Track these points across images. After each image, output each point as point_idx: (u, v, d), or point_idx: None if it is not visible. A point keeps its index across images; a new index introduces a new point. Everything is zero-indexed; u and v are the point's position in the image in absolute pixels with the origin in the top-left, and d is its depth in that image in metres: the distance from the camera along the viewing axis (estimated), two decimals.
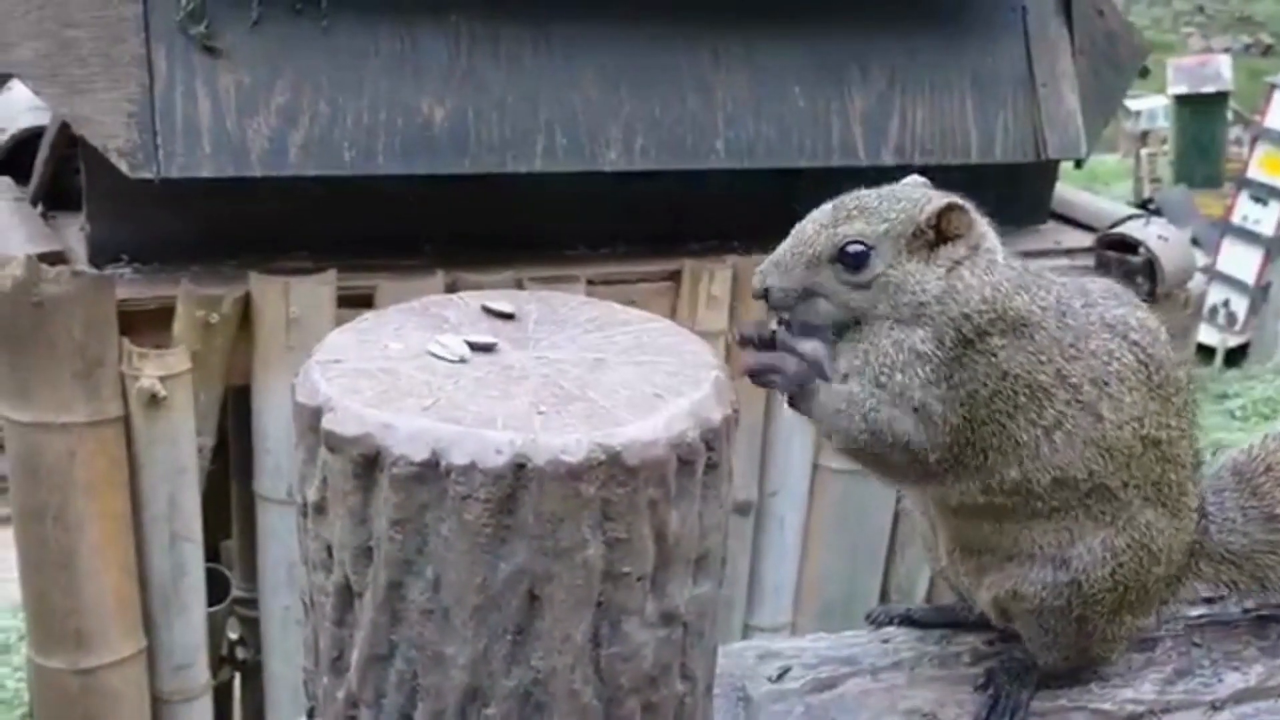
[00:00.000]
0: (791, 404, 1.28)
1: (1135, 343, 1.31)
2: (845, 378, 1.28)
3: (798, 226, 1.32)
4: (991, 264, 1.28)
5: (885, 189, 1.32)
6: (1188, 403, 1.36)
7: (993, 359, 1.25)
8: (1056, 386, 1.26)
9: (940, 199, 1.28)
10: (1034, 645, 1.35)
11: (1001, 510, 1.32)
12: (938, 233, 1.27)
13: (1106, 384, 1.28)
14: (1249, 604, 1.43)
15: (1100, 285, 1.37)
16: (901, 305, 1.26)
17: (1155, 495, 1.32)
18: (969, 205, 1.29)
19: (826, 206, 1.31)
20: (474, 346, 1.14)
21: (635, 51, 3.05)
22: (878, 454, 1.26)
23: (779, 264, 1.30)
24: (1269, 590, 1.43)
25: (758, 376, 1.28)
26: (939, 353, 1.24)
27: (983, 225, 1.31)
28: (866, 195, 1.31)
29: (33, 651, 2.84)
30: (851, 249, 1.26)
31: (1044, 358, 1.26)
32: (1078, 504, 1.31)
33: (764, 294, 1.30)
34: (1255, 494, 1.45)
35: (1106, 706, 1.28)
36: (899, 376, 1.24)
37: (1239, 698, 1.30)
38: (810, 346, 1.30)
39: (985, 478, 1.28)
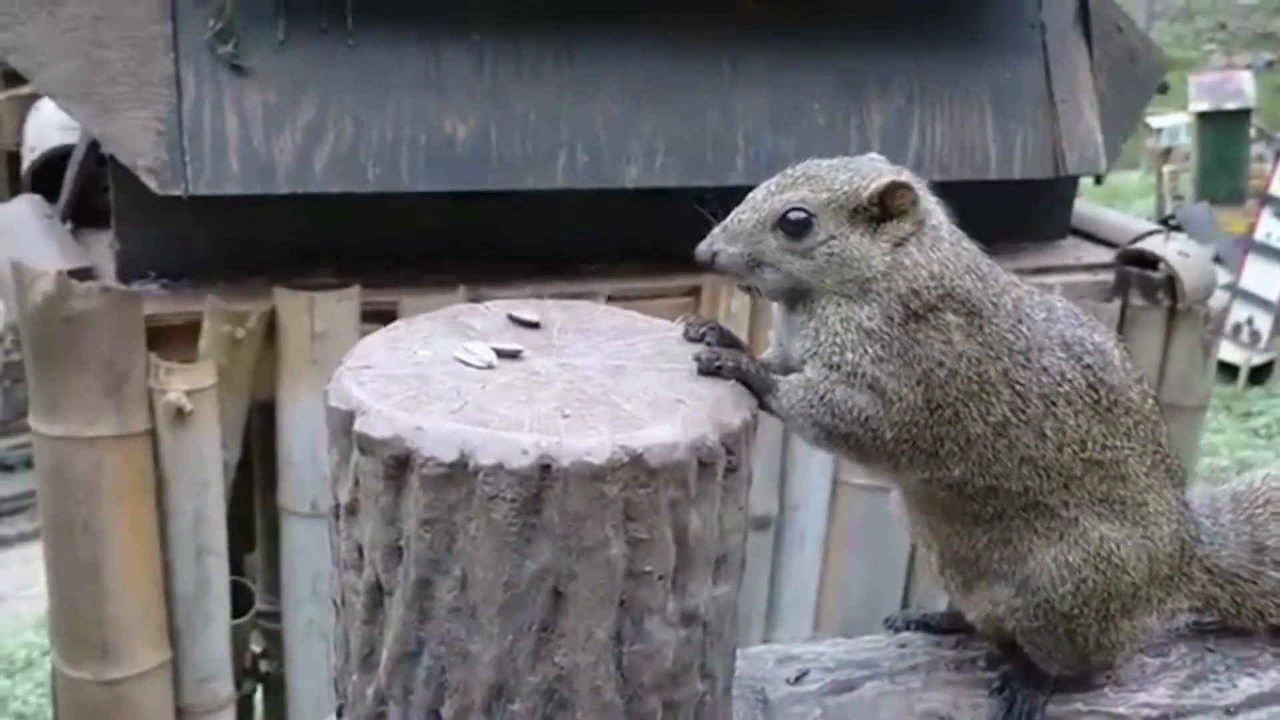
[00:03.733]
0: (762, 406, 1.26)
1: (1088, 365, 1.30)
2: (801, 364, 1.27)
3: (751, 192, 1.31)
4: (937, 241, 1.27)
5: (839, 159, 1.31)
6: (1139, 423, 1.33)
7: (948, 336, 1.24)
8: (1003, 387, 1.25)
9: (888, 175, 1.26)
10: (1035, 658, 1.36)
11: (946, 507, 1.32)
12: (883, 209, 1.25)
13: (1054, 403, 1.27)
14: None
15: (1064, 305, 1.34)
16: (847, 280, 1.25)
17: (1107, 511, 1.31)
18: (916, 183, 1.27)
19: (778, 176, 1.30)
20: (500, 353, 1.17)
21: (656, 69, 3.08)
22: (844, 434, 1.25)
23: (727, 230, 1.29)
24: (1241, 618, 1.42)
25: (706, 366, 1.24)
26: (887, 329, 1.23)
27: (929, 203, 1.29)
28: (817, 163, 1.30)
29: (59, 662, 2.86)
30: (793, 215, 1.26)
31: (993, 353, 1.25)
32: (1016, 515, 1.30)
33: (711, 260, 1.29)
34: (1250, 521, 1.44)
35: (1122, 710, 1.29)
36: (849, 355, 1.23)
37: (1253, 703, 1.31)
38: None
39: (934, 469, 1.27)
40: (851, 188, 1.25)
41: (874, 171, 1.27)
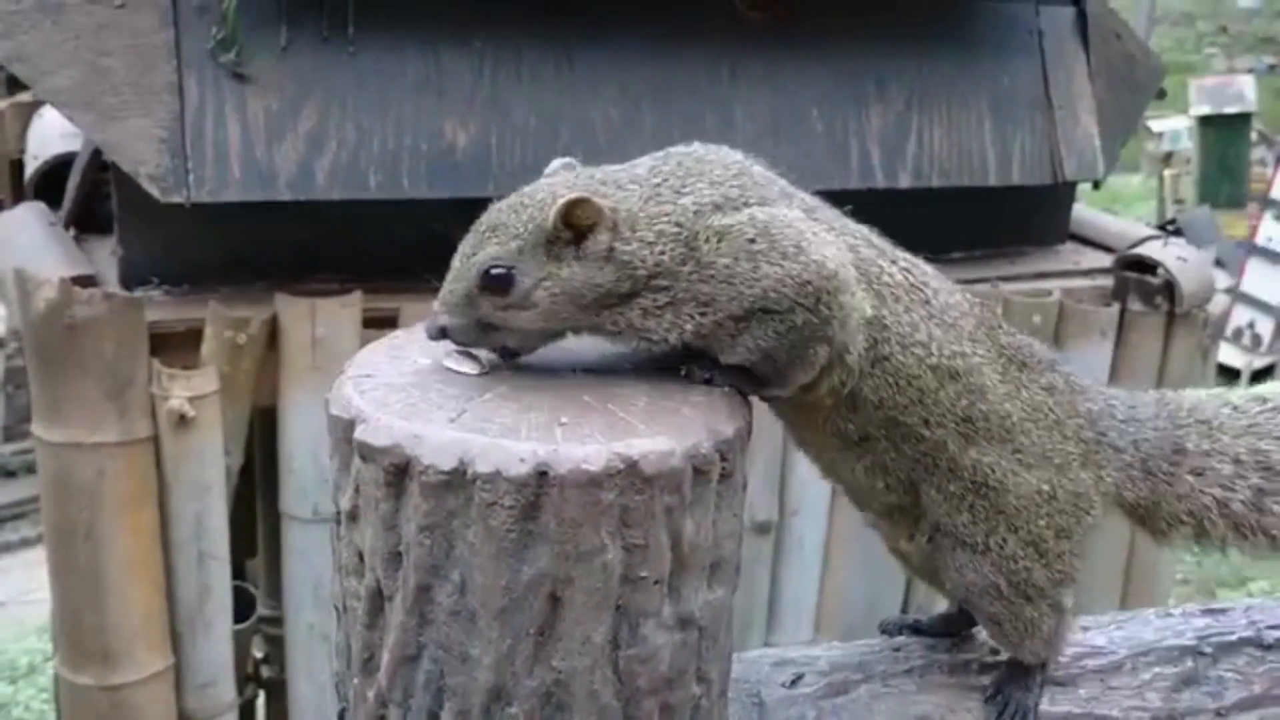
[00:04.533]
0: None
1: (905, 268, 1.29)
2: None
3: (452, 259, 1.26)
4: (635, 222, 1.22)
5: (515, 196, 1.26)
6: (979, 325, 1.31)
7: (712, 267, 1.20)
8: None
9: (561, 197, 1.20)
10: (991, 635, 1.35)
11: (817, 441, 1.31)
12: (573, 229, 1.20)
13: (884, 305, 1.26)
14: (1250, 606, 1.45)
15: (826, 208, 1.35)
16: (588, 307, 1.21)
17: (971, 431, 1.28)
18: (588, 193, 1.20)
19: (469, 234, 1.26)
20: (503, 352, 1.20)
21: (655, 76, 3.10)
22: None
23: (445, 302, 1.23)
24: (1154, 522, 1.39)
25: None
26: (668, 295, 1.20)
27: (613, 199, 1.22)
28: (498, 210, 1.26)
29: (62, 668, 2.88)
30: (494, 272, 1.21)
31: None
32: (881, 439, 1.28)
33: (442, 335, 1.22)
34: (1172, 421, 1.41)
35: (1114, 714, 1.31)
36: (671, 333, 1.20)
37: (1244, 705, 1.33)
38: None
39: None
40: (536, 225, 1.21)
41: (548, 197, 1.23)
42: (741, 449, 1.13)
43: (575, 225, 1.20)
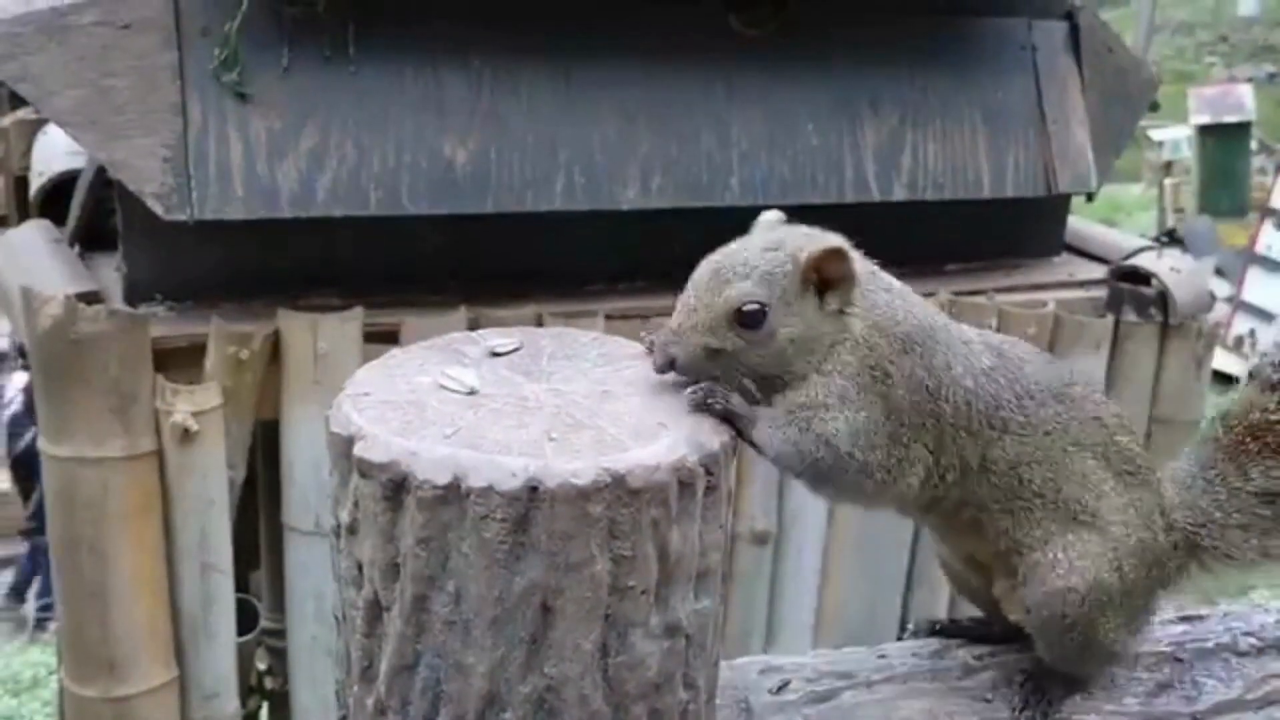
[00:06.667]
0: (740, 435, 1.28)
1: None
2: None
3: (683, 296, 1.29)
4: (874, 294, 1.29)
5: (752, 241, 1.31)
6: (1084, 423, 1.37)
7: (903, 373, 1.28)
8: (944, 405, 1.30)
9: (816, 244, 1.26)
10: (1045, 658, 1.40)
11: (938, 522, 1.38)
12: (820, 277, 1.26)
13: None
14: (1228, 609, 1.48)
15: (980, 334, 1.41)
16: (806, 360, 1.26)
17: (1066, 515, 1.35)
18: (843, 243, 1.28)
19: (704, 270, 1.29)
20: (497, 354, 1.25)
21: (652, 93, 3.13)
22: (822, 464, 1.27)
23: (678, 334, 1.27)
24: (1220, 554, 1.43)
25: (698, 404, 1.25)
26: (852, 383, 1.26)
27: (858, 262, 1.30)
28: (742, 252, 1.29)
29: (68, 680, 2.90)
30: (747, 309, 1.25)
31: (933, 379, 1.29)
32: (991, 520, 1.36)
33: (669, 366, 1.26)
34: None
35: (1091, 718, 1.34)
36: (824, 403, 1.26)
37: (1220, 709, 1.36)
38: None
39: (902, 488, 1.31)
40: (790, 268, 1.26)
41: (803, 242, 1.28)
42: (726, 463, 1.16)
43: (825, 274, 1.26)
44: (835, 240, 1.28)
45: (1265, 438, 1.43)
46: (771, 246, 1.28)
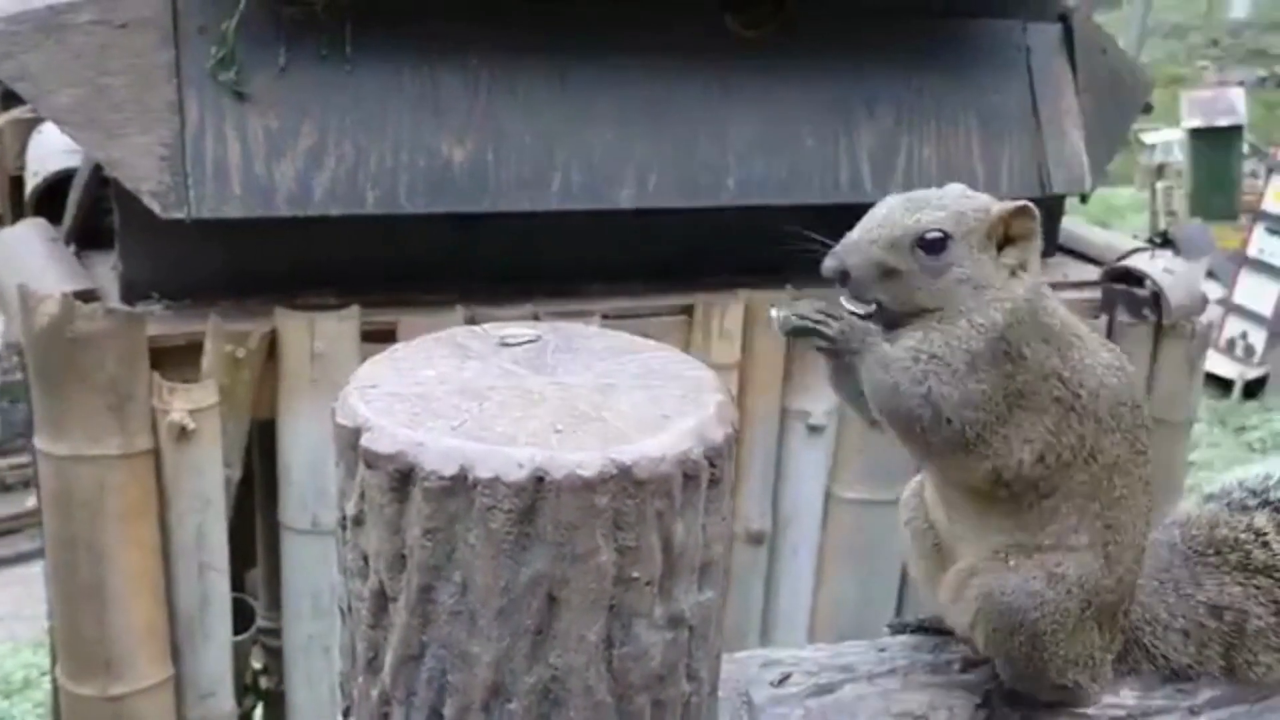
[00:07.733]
0: (835, 356, 1.31)
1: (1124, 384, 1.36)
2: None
3: (870, 214, 1.34)
4: (1041, 286, 1.32)
5: (949, 188, 1.35)
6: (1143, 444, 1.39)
7: (1040, 362, 1.30)
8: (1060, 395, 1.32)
9: (1012, 201, 1.31)
10: (1002, 673, 1.38)
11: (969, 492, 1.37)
12: (1006, 234, 1.30)
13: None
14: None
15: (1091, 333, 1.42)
16: (966, 303, 1.29)
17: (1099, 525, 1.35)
18: (1035, 210, 1.31)
19: (899, 198, 1.34)
20: (508, 344, 1.27)
21: (649, 93, 3.14)
22: (920, 421, 1.29)
23: (855, 246, 1.31)
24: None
25: (800, 332, 1.30)
26: (992, 355, 1.28)
27: (1039, 233, 1.33)
28: (935, 192, 1.34)
29: (63, 679, 2.90)
30: (930, 235, 1.29)
31: (1062, 373, 1.31)
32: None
33: (842, 274, 1.31)
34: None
35: (1090, 711, 1.35)
36: (951, 358, 1.28)
37: (1216, 703, 1.37)
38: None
39: (991, 459, 1.31)
40: (982, 213, 1.31)
41: (991, 198, 1.33)
42: (729, 455, 1.17)
43: (1011, 230, 1.30)
44: (1028, 201, 1.32)
45: (1227, 554, 1.46)
46: (968, 195, 1.33)
